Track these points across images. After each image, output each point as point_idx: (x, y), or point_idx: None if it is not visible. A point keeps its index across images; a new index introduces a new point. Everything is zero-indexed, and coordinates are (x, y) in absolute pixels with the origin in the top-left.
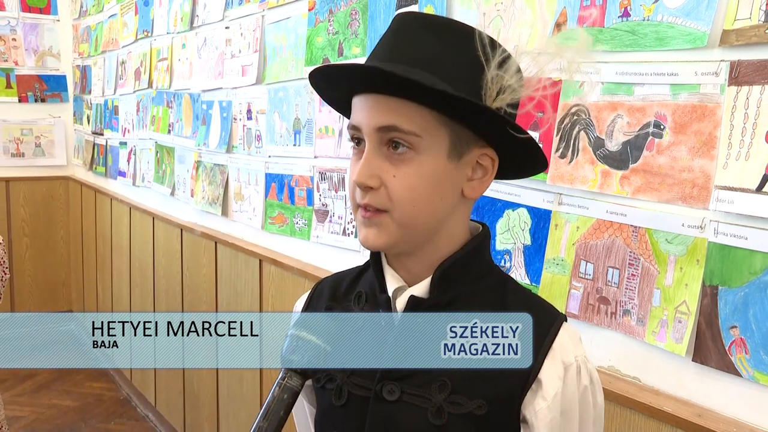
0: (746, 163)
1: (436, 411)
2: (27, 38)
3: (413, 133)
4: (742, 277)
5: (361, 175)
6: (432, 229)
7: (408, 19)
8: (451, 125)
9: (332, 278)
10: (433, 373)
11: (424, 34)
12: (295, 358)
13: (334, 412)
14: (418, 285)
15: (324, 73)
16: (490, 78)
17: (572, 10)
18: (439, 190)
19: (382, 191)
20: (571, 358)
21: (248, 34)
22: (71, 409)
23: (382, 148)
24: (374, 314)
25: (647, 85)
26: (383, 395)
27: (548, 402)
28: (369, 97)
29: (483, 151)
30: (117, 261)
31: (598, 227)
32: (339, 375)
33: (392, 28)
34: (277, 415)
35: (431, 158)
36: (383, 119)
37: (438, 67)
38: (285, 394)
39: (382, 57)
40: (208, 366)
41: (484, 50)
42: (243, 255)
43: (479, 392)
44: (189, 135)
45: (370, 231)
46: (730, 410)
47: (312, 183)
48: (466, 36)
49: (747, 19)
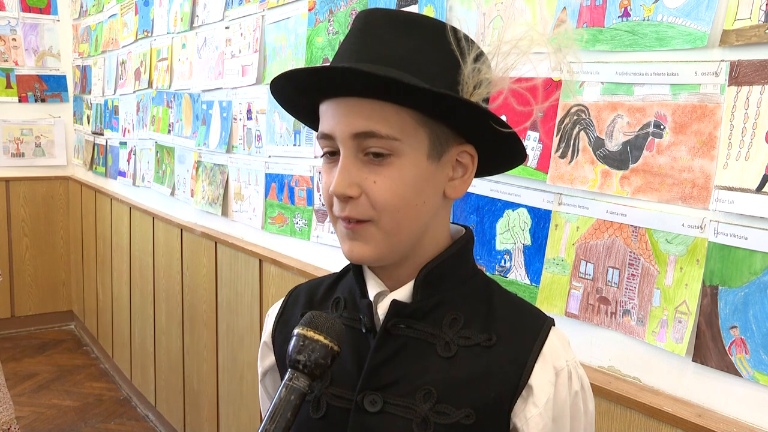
0: (746, 163)
1: (421, 422)
2: (27, 38)
3: (392, 137)
4: (742, 277)
5: (339, 185)
6: (417, 235)
7: (374, 17)
8: (429, 124)
9: (308, 285)
10: (417, 381)
11: (392, 31)
12: (302, 358)
13: (311, 425)
14: (400, 289)
15: (290, 77)
16: (467, 73)
17: (572, 10)
18: (422, 193)
19: (363, 200)
20: (562, 362)
21: (248, 34)
22: (71, 409)
23: (359, 154)
24: (355, 320)
25: (647, 85)
26: (364, 406)
27: (540, 408)
28: (341, 101)
29: (462, 148)
30: (117, 261)
31: (598, 227)
32: (317, 385)
33: (358, 27)
34: (284, 417)
35: (411, 161)
36: (359, 125)
37: (411, 64)
38: (292, 395)
39: (350, 58)
40: (207, 364)
41: (458, 44)
42: (243, 255)
43: (466, 401)
44: (189, 135)
45: (355, 245)
46: (730, 410)
47: (312, 183)
48: (436, 31)
49: (747, 19)
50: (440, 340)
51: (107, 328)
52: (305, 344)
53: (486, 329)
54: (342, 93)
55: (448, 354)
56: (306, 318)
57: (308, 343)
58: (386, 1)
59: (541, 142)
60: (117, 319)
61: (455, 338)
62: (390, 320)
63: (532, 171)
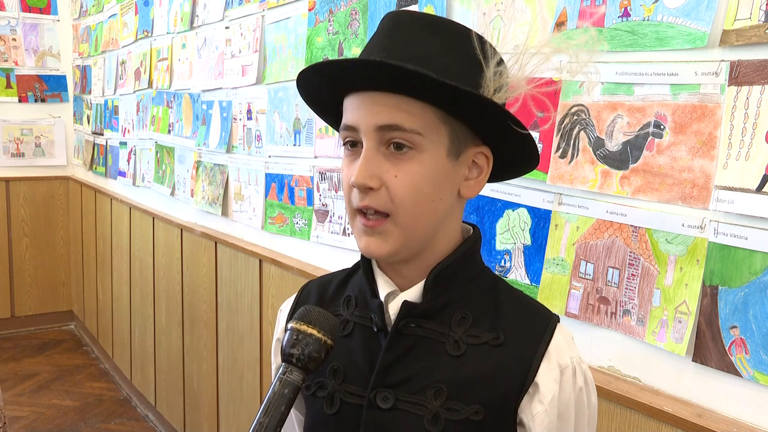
0: (746, 163)
1: (432, 418)
2: (27, 38)
3: (415, 132)
4: (742, 277)
5: (361, 176)
6: (432, 230)
7: (402, 18)
8: (451, 123)
9: (319, 281)
10: (427, 379)
11: (420, 32)
12: (295, 352)
13: (325, 420)
14: (410, 290)
15: (319, 69)
16: (489, 76)
17: (572, 10)
18: (440, 189)
19: (383, 192)
20: (566, 359)
21: (248, 34)
22: (71, 409)
23: (381, 147)
24: (367, 319)
25: (647, 85)
26: (377, 403)
27: (545, 405)
28: (367, 94)
29: (479, 149)
30: (117, 261)
31: (598, 227)
32: (330, 382)
33: (386, 27)
34: (278, 411)
35: (432, 157)
36: (384, 117)
37: (436, 63)
38: (286, 388)
39: (378, 54)
40: (207, 363)
41: (482, 48)
42: (243, 255)
43: (475, 398)
44: (189, 135)
45: (372, 240)
46: (730, 410)
47: (312, 183)
48: (462, 35)
49: (747, 19)
50: (449, 339)
51: (107, 328)
52: (299, 338)
53: (494, 328)
54: (369, 87)
55: (457, 352)
56: (300, 312)
57: (302, 337)
58: (386, 1)
59: (541, 142)
60: (117, 319)
61: (464, 337)
62: (401, 320)
63: (533, 171)
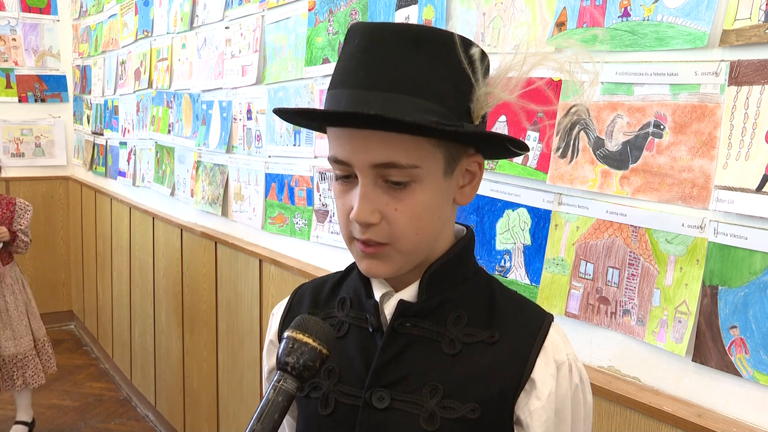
0: (746, 163)
1: (428, 417)
2: (27, 38)
3: (413, 166)
4: (742, 277)
5: (362, 214)
6: (431, 246)
7: (379, 34)
8: (444, 144)
9: (312, 284)
10: (423, 378)
11: (400, 49)
12: (291, 360)
13: (319, 422)
14: (406, 290)
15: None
16: (480, 93)
17: (572, 10)
18: (439, 209)
19: (384, 225)
20: (563, 356)
21: (248, 34)
22: (71, 409)
23: (378, 180)
24: (362, 319)
25: (647, 85)
26: (373, 403)
27: (543, 401)
28: (357, 131)
29: (472, 159)
30: (117, 261)
31: (598, 227)
32: (325, 383)
33: (362, 45)
34: (271, 419)
35: (430, 182)
36: (379, 156)
37: (423, 87)
38: (280, 396)
39: (359, 83)
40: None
41: (469, 59)
42: (243, 255)
43: (472, 395)
44: (189, 135)
45: (373, 263)
46: (730, 410)
47: (312, 183)
48: (445, 45)
49: (747, 19)
50: (445, 338)
51: (107, 328)
52: (294, 347)
53: (489, 326)
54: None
55: (452, 351)
56: (296, 321)
57: (297, 346)
58: (386, 1)
59: (541, 142)
60: (117, 319)
61: (459, 336)
62: (397, 320)
63: (532, 171)
